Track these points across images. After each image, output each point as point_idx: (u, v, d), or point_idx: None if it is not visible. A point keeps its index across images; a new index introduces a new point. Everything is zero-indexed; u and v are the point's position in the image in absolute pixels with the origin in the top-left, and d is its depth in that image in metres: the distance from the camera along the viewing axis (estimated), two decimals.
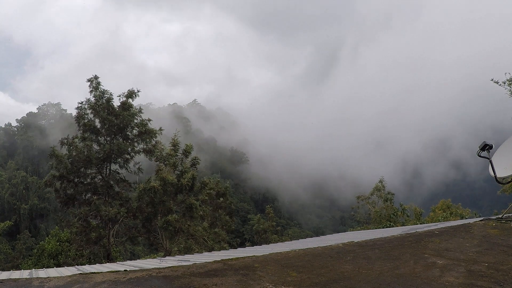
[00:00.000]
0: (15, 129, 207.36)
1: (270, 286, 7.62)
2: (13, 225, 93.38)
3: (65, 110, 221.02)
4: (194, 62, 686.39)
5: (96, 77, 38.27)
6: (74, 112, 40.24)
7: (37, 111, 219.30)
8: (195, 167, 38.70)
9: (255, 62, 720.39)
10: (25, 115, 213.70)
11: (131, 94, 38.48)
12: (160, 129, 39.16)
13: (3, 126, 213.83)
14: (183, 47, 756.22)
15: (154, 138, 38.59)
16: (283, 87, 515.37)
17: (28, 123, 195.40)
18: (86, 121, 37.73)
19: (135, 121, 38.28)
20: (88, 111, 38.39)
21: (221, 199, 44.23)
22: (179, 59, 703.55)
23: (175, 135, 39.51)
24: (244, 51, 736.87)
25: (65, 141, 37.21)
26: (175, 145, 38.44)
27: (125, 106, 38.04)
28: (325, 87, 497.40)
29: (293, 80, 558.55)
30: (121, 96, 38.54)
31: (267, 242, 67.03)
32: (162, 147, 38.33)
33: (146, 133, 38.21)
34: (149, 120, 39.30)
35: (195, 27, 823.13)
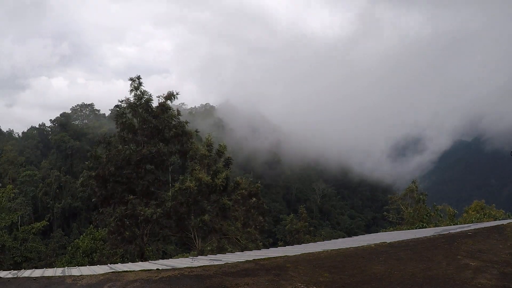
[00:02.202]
0: (49, 129, 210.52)
1: (302, 286, 7.67)
2: (46, 223, 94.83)
3: (98, 111, 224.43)
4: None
5: (138, 77, 38.71)
6: (107, 113, 40.64)
7: (70, 111, 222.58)
8: (229, 167, 38.72)
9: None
10: (58, 115, 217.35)
11: (170, 96, 38.74)
12: (196, 131, 39.52)
13: (37, 126, 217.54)
14: None
15: (190, 139, 38.80)
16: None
17: (61, 123, 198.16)
18: (124, 119, 38.05)
19: (173, 122, 38.53)
20: (127, 110, 38.78)
21: (253, 199, 44.04)
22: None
23: (208, 135, 39.58)
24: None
25: (103, 140, 37.75)
26: (208, 145, 38.48)
27: (164, 107, 38.33)
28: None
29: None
30: (160, 97, 38.83)
31: (300, 242, 66.89)
32: (197, 147, 38.41)
33: (183, 134, 38.46)
34: (187, 122, 39.57)
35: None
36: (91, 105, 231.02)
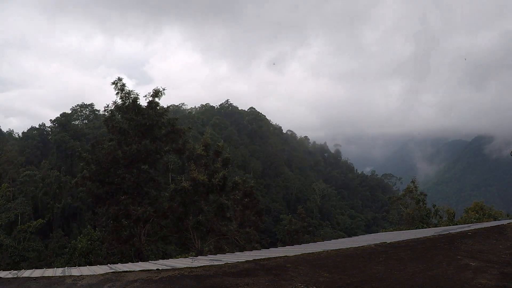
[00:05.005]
0: (49, 129, 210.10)
1: (302, 286, 7.66)
2: (46, 223, 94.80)
3: (98, 111, 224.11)
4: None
5: (120, 79, 38.83)
6: (107, 113, 40.70)
7: (70, 111, 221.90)
8: (227, 167, 38.67)
9: None
10: (58, 115, 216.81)
11: (157, 93, 38.88)
12: (189, 128, 39.40)
13: (37, 126, 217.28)
14: None
15: (183, 137, 38.87)
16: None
17: (61, 123, 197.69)
18: (114, 123, 38.21)
19: (162, 120, 38.62)
20: (116, 113, 38.96)
21: (246, 199, 43.85)
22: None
23: (205, 134, 39.58)
24: None
25: (95, 143, 37.93)
26: (206, 145, 38.42)
27: (152, 105, 38.45)
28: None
29: None
30: (147, 96, 38.98)
31: (299, 242, 66.91)
32: (193, 147, 38.34)
33: (174, 132, 38.50)
34: (176, 118, 39.58)
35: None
36: (91, 105, 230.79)
